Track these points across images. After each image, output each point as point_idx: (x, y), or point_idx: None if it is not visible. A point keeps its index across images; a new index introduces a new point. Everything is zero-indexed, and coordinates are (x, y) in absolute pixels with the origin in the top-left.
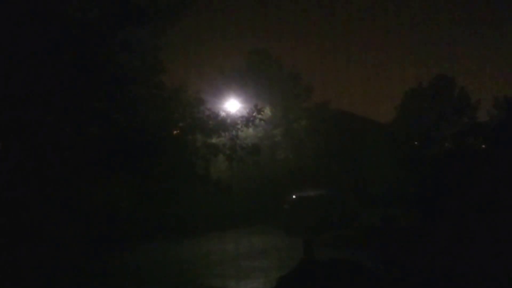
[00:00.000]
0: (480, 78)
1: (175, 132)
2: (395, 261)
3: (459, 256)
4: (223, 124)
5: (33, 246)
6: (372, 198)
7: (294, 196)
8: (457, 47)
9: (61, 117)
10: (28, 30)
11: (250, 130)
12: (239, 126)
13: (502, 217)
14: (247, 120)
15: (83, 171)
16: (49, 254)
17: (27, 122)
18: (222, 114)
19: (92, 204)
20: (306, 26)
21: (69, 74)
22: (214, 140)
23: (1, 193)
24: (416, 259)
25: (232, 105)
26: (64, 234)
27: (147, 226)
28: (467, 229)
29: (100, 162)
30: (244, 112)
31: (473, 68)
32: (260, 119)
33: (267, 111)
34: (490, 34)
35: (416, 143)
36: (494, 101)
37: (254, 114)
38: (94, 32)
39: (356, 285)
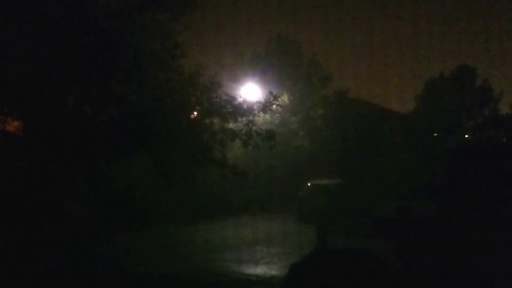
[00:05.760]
0: (503, 70)
1: (192, 115)
2: (409, 252)
3: (474, 249)
4: (240, 109)
5: (51, 223)
6: (388, 188)
7: (309, 184)
8: (481, 38)
9: (81, 99)
10: (49, 13)
11: (267, 116)
12: (255, 112)
13: None
14: (264, 106)
15: (102, 152)
16: (67, 232)
17: (49, 103)
18: (239, 99)
19: (111, 185)
20: (327, 15)
21: (90, 56)
22: (231, 125)
23: (22, 171)
24: (430, 251)
25: (251, 91)
26: (83, 213)
27: (163, 209)
28: (483, 223)
29: (119, 144)
30: (261, 98)
31: (497, 60)
32: (277, 105)
33: (284, 98)
34: None
35: (435, 134)
36: None
37: (270, 100)
38: (114, 16)
39: (368, 274)
